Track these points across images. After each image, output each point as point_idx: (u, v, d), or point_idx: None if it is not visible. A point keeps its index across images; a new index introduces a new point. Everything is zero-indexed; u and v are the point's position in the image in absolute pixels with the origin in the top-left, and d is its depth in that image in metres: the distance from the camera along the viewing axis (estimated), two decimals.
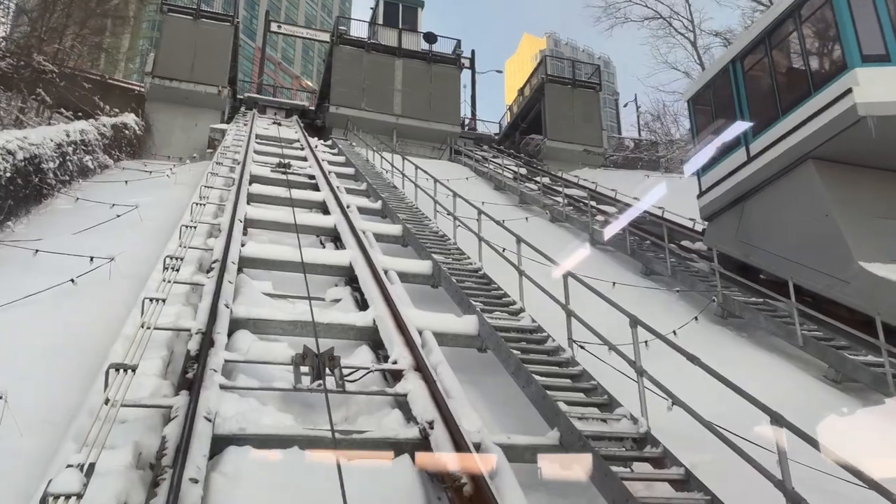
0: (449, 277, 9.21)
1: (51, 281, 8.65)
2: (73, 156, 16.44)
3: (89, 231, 11.54)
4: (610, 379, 6.83)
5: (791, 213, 11.31)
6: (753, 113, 11.68)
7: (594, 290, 7.18)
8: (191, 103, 26.91)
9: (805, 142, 10.76)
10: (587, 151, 29.93)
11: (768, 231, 11.76)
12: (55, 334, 6.83)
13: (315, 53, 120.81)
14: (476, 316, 7.74)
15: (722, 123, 12.52)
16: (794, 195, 11.20)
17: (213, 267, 8.20)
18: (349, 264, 9.51)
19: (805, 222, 10.90)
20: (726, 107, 12.33)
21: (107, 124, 20.64)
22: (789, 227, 11.30)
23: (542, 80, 31.03)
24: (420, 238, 11.43)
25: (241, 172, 14.74)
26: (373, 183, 16.61)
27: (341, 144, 24.14)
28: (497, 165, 25.66)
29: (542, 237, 14.34)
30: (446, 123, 29.17)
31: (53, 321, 7.23)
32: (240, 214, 10.83)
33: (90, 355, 6.44)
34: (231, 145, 19.30)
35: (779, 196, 11.51)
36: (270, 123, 27.56)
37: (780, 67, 11.68)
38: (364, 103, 28.67)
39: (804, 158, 10.94)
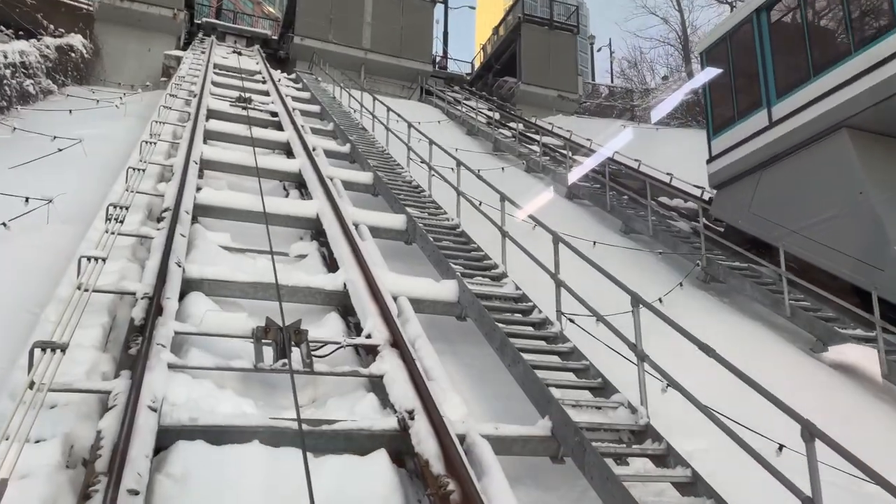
0: (425, 235, 8.52)
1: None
2: (12, 80, 14.99)
3: (28, 166, 10.45)
4: (599, 354, 6.35)
5: (817, 188, 10.25)
6: (779, 72, 10.63)
7: (589, 259, 6.58)
8: (144, 26, 25.03)
9: (840, 108, 9.69)
10: (561, 97, 29.08)
11: (788, 205, 10.68)
12: None
13: None
14: (456, 281, 7.11)
15: (740, 81, 11.44)
16: (821, 167, 10.17)
17: (164, 216, 7.35)
18: (316, 216, 8.73)
19: (833, 199, 9.88)
20: (746, 63, 11.18)
21: (50, 46, 18.96)
22: (813, 203, 10.26)
23: (519, 20, 29.76)
24: (392, 188, 10.65)
25: (198, 106, 13.60)
26: (340, 123, 15.61)
27: (306, 79, 22.79)
28: (469, 108, 24.69)
29: (517, 189, 13.68)
30: (418, 61, 27.89)
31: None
32: (195, 155, 9.86)
33: (16, 321, 5.64)
34: (187, 75, 17.93)
35: (803, 167, 10.49)
36: (230, 52, 25.88)
37: (814, 21, 10.58)
38: (331, 35, 27.11)
39: (837, 127, 9.88)
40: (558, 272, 6.73)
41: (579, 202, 14.92)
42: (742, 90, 11.26)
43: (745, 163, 11.46)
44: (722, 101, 11.85)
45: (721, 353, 5.14)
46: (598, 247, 11.08)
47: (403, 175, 11.85)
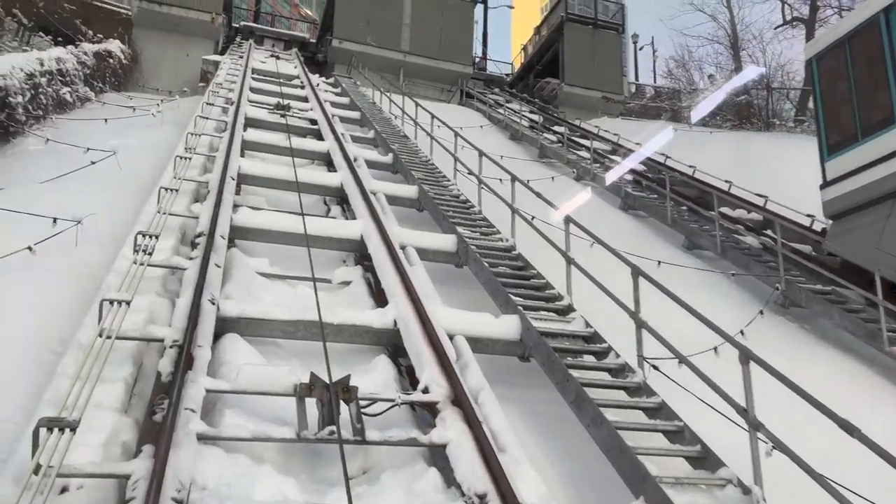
0: (479, 260, 7.76)
1: (2, 247, 7.26)
2: (48, 88, 14.65)
3: (60, 181, 10.00)
4: (676, 398, 5.51)
5: None
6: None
7: (679, 300, 5.71)
8: (182, 31, 24.76)
9: None
10: (606, 99, 28.04)
11: None
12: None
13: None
14: (518, 317, 6.33)
15: (864, 93, 9.88)
16: None
17: (199, 242, 6.73)
18: (360, 238, 8.04)
19: None
20: (873, 71, 9.61)
21: (88, 52, 18.69)
22: None
23: (562, 20, 28.79)
24: (440, 204, 9.92)
25: (235, 115, 13.07)
26: (381, 131, 14.95)
27: (345, 83, 22.23)
28: (511, 112, 23.84)
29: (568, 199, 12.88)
30: (458, 63, 27.14)
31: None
32: (232, 170, 9.27)
33: (35, 365, 5.06)
34: (224, 81, 17.48)
35: None
36: (268, 56, 25.51)
37: None
38: (370, 38, 26.53)
39: None
40: (639, 311, 5.90)
41: (634, 213, 13.99)
42: (867, 104, 9.71)
43: (873, 190, 9.76)
44: (839, 116, 10.22)
45: (823, 398, 4.33)
46: (663, 267, 10.20)
47: (450, 188, 11.11)
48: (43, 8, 22.26)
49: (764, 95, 27.59)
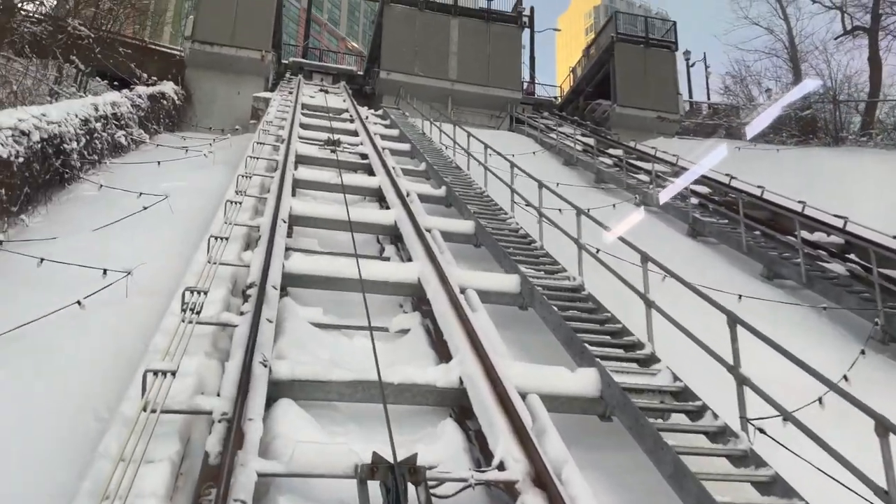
0: (546, 303, 7.16)
1: (53, 300, 7.07)
2: (103, 132, 14.81)
3: (112, 227, 9.90)
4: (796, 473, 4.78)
5: None
6: None
7: (778, 347, 5.01)
8: (233, 70, 25.11)
9: None
10: (661, 118, 27.16)
11: None
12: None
13: (361, 14, 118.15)
14: (596, 370, 5.70)
15: None
16: None
17: (250, 294, 6.35)
18: (418, 281, 7.56)
19: None
20: None
21: (143, 95, 19.00)
22: None
23: (612, 40, 28.15)
24: (499, 239, 9.38)
25: (286, 153, 12.87)
26: (433, 163, 14.56)
27: (393, 115, 22.06)
28: (563, 136, 23.22)
29: (632, 228, 12.18)
30: (506, 89, 26.73)
31: (27, 385, 5.55)
32: (283, 212, 8.95)
33: (81, 433, 4.72)
34: (274, 119, 17.42)
35: None
36: (317, 91, 25.64)
37: None
38: (417, 68, 26.42)
39: None
40: (738, 364, 5.21)
41: (704, 240, 13.16)
42: None
43: None
44: None
45: None
46: (744, 300, 9.39)
47: (508, 222, 10.56)
48: (100, 53, 22.88)
49: (829, 108, 26.30)
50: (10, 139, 10.32)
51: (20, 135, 10.71)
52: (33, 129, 11.08)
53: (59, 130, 12.22)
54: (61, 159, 12.17)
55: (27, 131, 10.91)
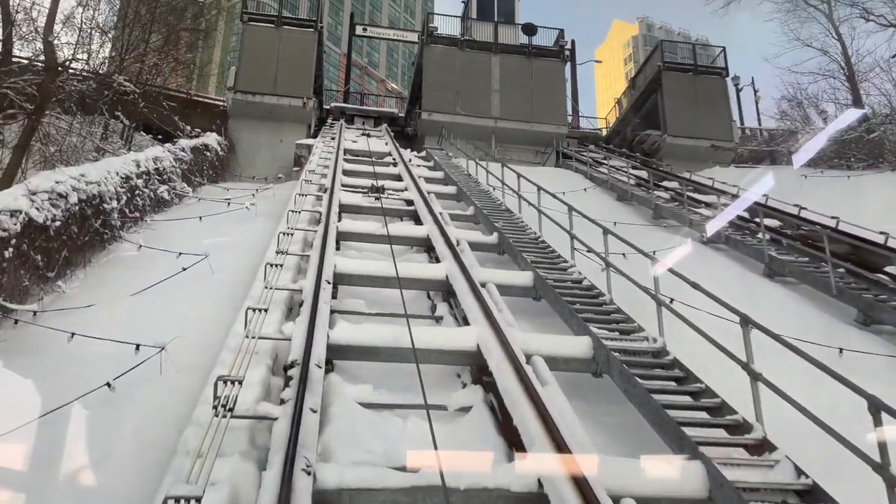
0: (627, 373, 6.24)
1: (85, 378, 6.53)
2: (145, 188, 14.56)
3: (150, 291, 9.41)
4: None
5: None
6: None
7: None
8: (275, 118, 25.09)
9: None
10: (715, 147, 26.02)
11: None
12: None
13: (399, 55, 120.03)
14: (702, 465, 4.74)
15: None
16: None
17: (291, 376, 5.62)
18: (477, 348, 6.74)
19: None
20: None
21: (186, 148, 18.88)
22: None
23: (659, 69, 27.27)
24: (562, 293, 8.51)
25: (329, 203, 12.33)
26: (481, 206, 13.84)
27: (437, 156, 21.54)
28: (613, 169, 22.30)
29: (702, 270, 11.16)
30: (551, 124, 26.03)
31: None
32: (327, 271, 8.29)
33: None
34: (317, 168, 17.03)
35: None
36: (359, 135, 25.37)
37: None
38: (459, 107, 25.98)
39: None
40: (888, 464, 4.20)
41: (782, 281, 12.01)
42: None
43: None
44: None
45: None
46: (846, 354, 8.27)
47: (570, 272, 9.69)
48: (145, 107, 23.09)
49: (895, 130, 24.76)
50: (46, 203, 9.99)
51: (57, 197, 10.40)
52: (71, 191, 10.77)
53: (99, 190, 11.93)
54: (101, 219, 11.86)
55: (65, 193, 10.60)
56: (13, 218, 9.09)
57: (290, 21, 26.55)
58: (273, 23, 26.09)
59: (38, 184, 10.14)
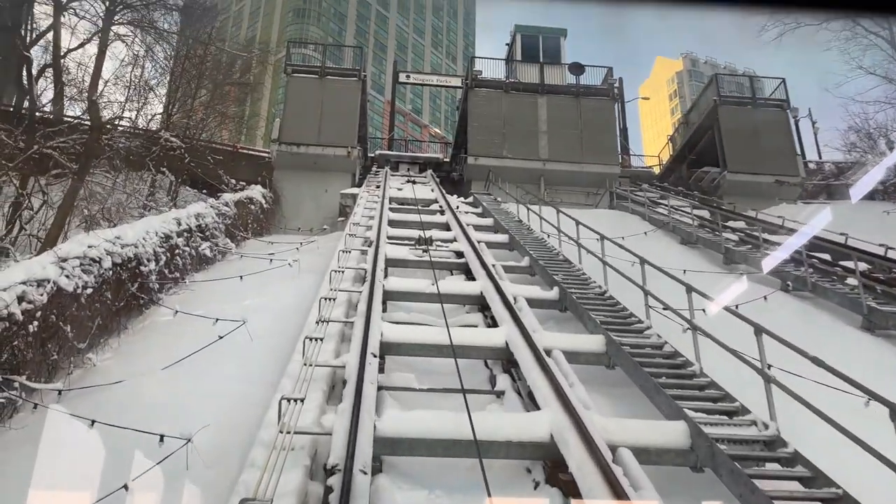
0: (741, 475, 5.07)
1: (102, 474, 5.79)
2: (186, 247, 14.06)
3: (184, 363, 8.66)
4: None
5: None
6: None
7: None
8: (320, 168, 24.74)
9: None
10: (779, 182, 24.51)
11: None
12: None
13: (442, 101, 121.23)
14: None
15: None
16: None
17: (332, 487, 4.66)
18: (551, 439, 5.67)
19: None
20: None
21: (230, 202, 18.49)
22: None
23: (715, 103, 26.06)
24: (643, 363, 7.39)
25: (374, 259, 11.51)
26: (537, 257, 12.83)
27: (485, 202, 20.70)
28: (672, 210, 21.05)
29: (795, 325, 9.89)
30: (603, 164, 24.99)
31: None
32: (372, 342, 7.38)
33: None
34: (361, 219, 16.36)
35: None
36: (404, 182, 24.80)
37: None
38: (505, 150, 25.23)
39: None
40: None
41: (885, 334, 10.57)
42: None
43: None
44: None
45: None
46: None
47: (647, 334, 8.55)
48: (190, 162, 23.01)
49: None
50: (77, 269, 9.43)
51: (90, 263, 9.84)
52: (105, 256, 10.21)
53: (136, 252, 11.40)
54: (138, 283, 11.29)
55: (98, 258, 10.04)
56: (40, 288, 8.51)
57: (333, 71, 26.38)
58: (317, 74, 25.98)
59: (70, 249, 9.61)
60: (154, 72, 24.05)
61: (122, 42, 21.92)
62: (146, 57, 24.85)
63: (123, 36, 21.13)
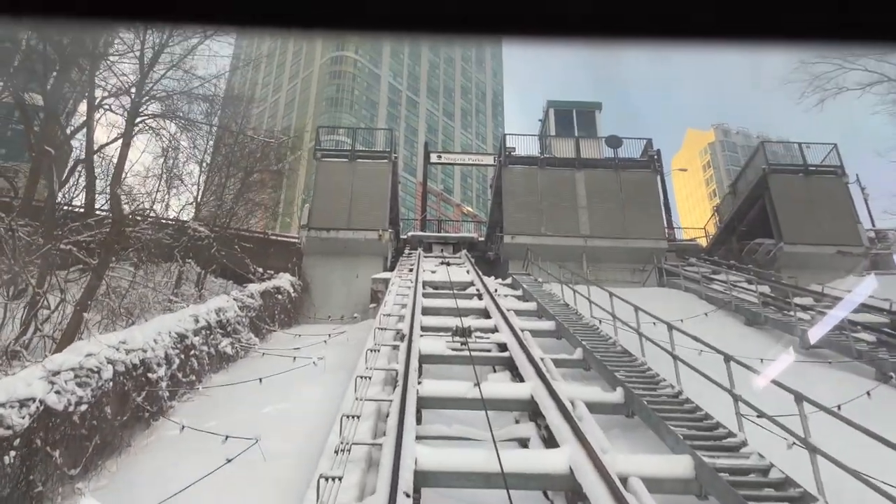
0: None
1: None
2: (204, 346, 12.92)
3: (186, 494, 7.29)
4: None
5: None
6: None
7: None
8: (350, 252, 23.81)
9: None
10: (842, 253, 22.73)
11: None
12: None
13: (473, 179, 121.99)
14: None
15: None
16: None
17: None
18: None
19: None
20: None
21: (255, 293, 17.46)
22: None
23: (764, 171, 24.67)
24: (747, 495, 5.79)
25: (407, 358, 10.17)
26: (591, 347, 11.35)
27: (525, 283, 19.36)
28: (728, 286, 19.38)
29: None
30: (648, 238, 23.57)
31: None
32: (405, 477, 5.93)
33: None
34: (393, 308, 15.11)
35: None
36: (438, 264, 23.68)
37: None
38: (543, 227, 24.04)
39: None
40: None
41: None
42: None
43: None
44: None
45: None
46: None
47: (744, 452, 6.92)
48: (217, 251, 22.31)
49: None
50: (71, 383, 8.26)
51: (88, 374, 8.69)
52: (105, 365, 9.06)
53: (144, 357, 10.26)
54: (145, 391, 10.09)
55: (97, 368, 8.89)
56: (23, 410, 7.34)
57: (363, 154, 25.87)
58: (347, 157, 25.48)
59: (63, 361, 8.48)
60: (184, 161, 23.71)
61: (153, 133, 21.76)
62: (176, 147, 24.74)
63: (153, 127, 20.94)
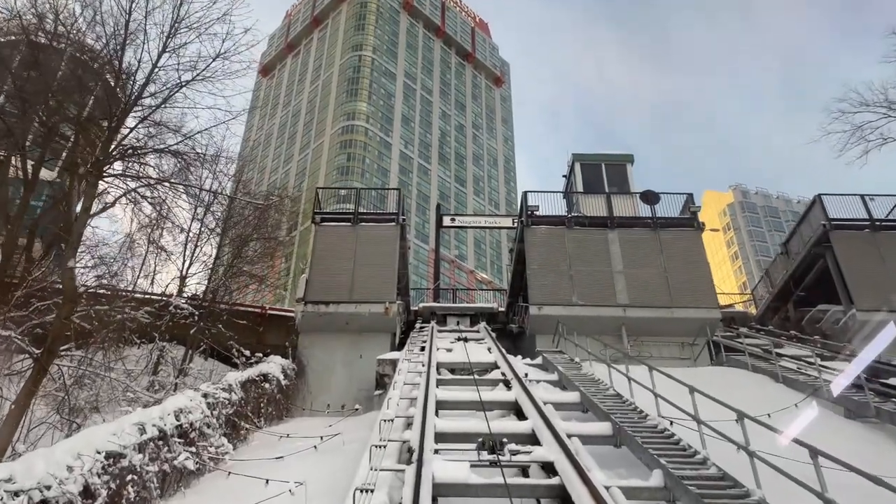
0: None
1: None
2: (152, 464, 9.78)
3: None
4: None
5: None
6: None
7: None
8: (353, 329, 20.74)
9: None
10: None
11: None
12: None
13: (487, 245, 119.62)
14: None
15: None
16: None
17: None
18: None
19: None
20: None
21: (234, 385, 14.32)
22: None
23: (824, 228, 21.63)
24: None
25: (415, 488, 6.98)
26: (670, 468, 8.11)
27: (559, 364, 16.14)
28: (803, 363, 16.06)
29: None
30: (698, 307, 20.35)
31: None
32: None
33: None
34: (401, 402, 11.93)
35: None
36: (454, 340, 20.51)
37: None
38: (575, 296, 20.91)
39: None
40: None
41: None
42: None
43: None
44: None
45: None
46: None
47: None
48: (199, 332, 19.38)
49: None
50: None
51: None
52: None
53: (45, 498, 7.15)
54: None
55: None
56: None
57: (367, 217, 23.11)
58: (349, 221, 22.73)
59: None
60: (163, 230, 21.03)
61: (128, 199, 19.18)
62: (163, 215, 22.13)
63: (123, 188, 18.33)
